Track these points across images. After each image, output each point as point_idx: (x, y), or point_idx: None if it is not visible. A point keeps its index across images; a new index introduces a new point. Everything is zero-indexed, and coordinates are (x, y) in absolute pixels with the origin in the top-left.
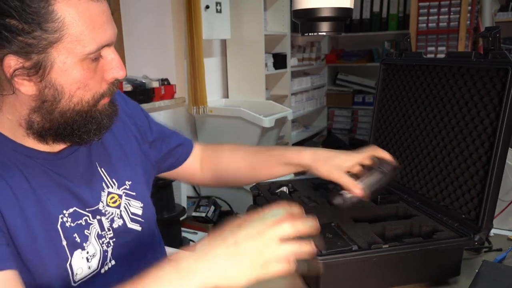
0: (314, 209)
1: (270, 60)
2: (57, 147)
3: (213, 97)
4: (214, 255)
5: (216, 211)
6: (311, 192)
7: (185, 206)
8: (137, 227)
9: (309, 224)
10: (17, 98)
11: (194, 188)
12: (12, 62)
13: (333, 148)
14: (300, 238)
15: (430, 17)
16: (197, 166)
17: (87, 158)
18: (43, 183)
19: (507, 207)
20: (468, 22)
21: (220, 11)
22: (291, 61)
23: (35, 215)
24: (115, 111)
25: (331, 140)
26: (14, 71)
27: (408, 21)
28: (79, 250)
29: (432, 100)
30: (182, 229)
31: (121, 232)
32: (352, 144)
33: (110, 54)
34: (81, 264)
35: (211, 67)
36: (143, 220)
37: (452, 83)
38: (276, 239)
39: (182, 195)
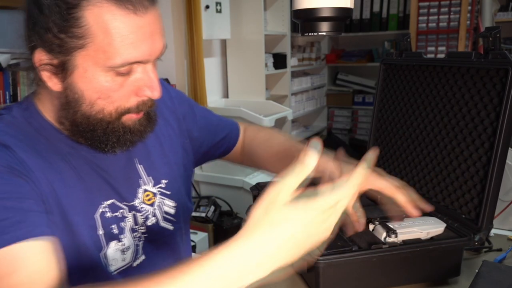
0: None
1: (270, 60)
2: None
3: (213, 97)
4: (268, 245)
5: (216, 211)
6: None
7: None
8: (169, 226)
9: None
10: (50, 91)
11: (194, 188)
12: (42, 56)
13: (332, 148)
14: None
15: (430, 17)
16: (239, 151)
17: (127, 154)
18: (87, 172)
19: (507, 207)
20: (468, 22)
21: (220, 11)
22: (291, 61)
23: (79, 200)
24: (147, 128)
25: (331, 140)
26: (43, 64)
27: (408, 21)
28: (115, 242)
29: (432, 100)
30: None
31: (153, 230)
32: (352, 144)
33: (143, 72)
34: (116, 255)
35: (211, 67)
36: (175, 220)
37: (452, 83)
38: (330, 221)
39: None
